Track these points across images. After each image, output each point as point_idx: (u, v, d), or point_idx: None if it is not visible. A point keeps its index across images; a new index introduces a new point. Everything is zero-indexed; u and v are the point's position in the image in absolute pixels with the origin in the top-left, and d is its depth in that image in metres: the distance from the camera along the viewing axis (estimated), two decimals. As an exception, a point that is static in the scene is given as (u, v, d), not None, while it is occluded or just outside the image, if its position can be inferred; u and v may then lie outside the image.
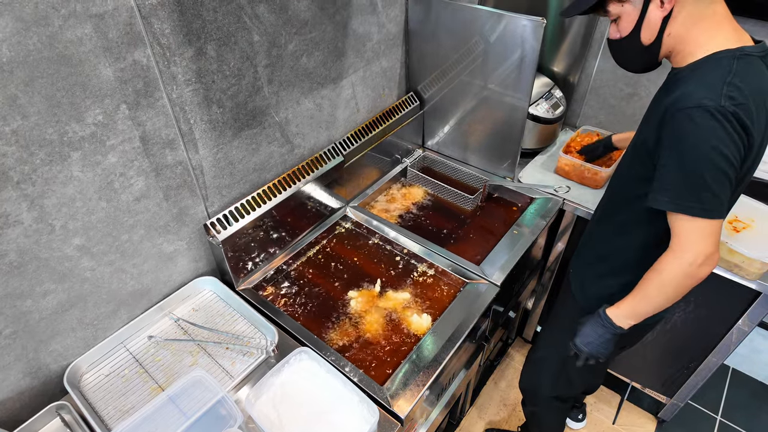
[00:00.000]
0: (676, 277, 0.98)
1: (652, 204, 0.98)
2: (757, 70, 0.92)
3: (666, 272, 0.99)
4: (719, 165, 0.89)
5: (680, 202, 0.94)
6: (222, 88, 1.20)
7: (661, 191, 0.96)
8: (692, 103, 0.89)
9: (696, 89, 0.90)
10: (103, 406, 1.13)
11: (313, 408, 1.10)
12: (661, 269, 1.00)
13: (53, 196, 0.99)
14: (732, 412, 2.15)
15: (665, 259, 1.00)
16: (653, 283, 1.03)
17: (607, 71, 1.90)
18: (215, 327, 1.31)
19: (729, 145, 0.88)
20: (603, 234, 1.26)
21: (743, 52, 0.91)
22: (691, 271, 0.96)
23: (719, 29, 0.94)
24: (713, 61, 0.93)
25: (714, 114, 0.87)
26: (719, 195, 0.91)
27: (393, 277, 1.51)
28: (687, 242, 0.95)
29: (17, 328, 1.05)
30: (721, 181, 0.90)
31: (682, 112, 0.90)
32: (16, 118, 0.88)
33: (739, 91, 0.87)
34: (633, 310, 1.09)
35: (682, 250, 0.96)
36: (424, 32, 1.70)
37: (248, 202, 1.39)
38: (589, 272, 1.31)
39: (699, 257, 0.94)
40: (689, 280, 0.98)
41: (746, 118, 0.87)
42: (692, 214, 0.93)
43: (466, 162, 1.95)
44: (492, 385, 2.24)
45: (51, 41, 0.87)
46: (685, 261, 0.96)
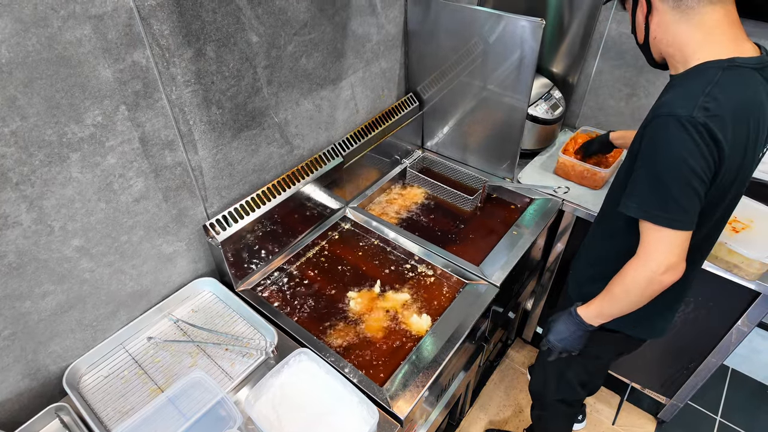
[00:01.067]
0: (640, 283, 1.00)
1: (622, 209, 0.99)
2: (746, 82, 0.90)
3: (629, 277, 1.01)
4: (686, 177, 0.89)
5: (647, 210, 0.94)
6: (221, 89, 1.20)
7: (630, 197, 0.98)
8: (666, 111, 0.89)
9: (674, 98, 0.90)
10: (103, 408, 1.13)
11: (313, 409, 1.10)
12: (626, 274, 1.02)
13: (52, 197, 0.99)
14: (731, 412, 2.15)
15: (631, 264, 1.01)
16: (618, 287, 1.05)
17: (606, 72, 1.90)
18: (215, 328, 1.31)
19: (697, 158, 0.87)
20: (596, 238, 1.28)
21: (733, 63, 0.89)
22: (653, 278, 0.97)
23: (709, 38, 0.92)
24: (699, 71, 0.92)
25: (684, 124, 0.86)
26: (685, 207, 0.91)
27: (392, 278, 1.51)
28: (652, 250, 0.96)
29: (16, 330, 1.05)
30: (687, 193, 0.90)
31: (655, 120, 0.91)
32: (15, 119, 0.88)
33: (715, 102, 0.86)
34: (600, 310, 1.13)
35: (646, 257, 0.97)
36: (423, 33, 1.70)
37: (248, 203, 1.39)
38: (584, 275, 1.32)
39: (661, 266, 0.95)
40: (652, 287, 0.99)
41: (717, 130, 0.86)
42: (658, 223, 0.93)
43: (465, 163, 1.95)
44: (492, 386, 2.24)
45: (50, 42, 0.87)
46: (648, 268, 0.97)
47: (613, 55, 1.85)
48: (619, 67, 1.86)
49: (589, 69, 1.94)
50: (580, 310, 1.17)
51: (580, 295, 1.32)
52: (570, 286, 1.39)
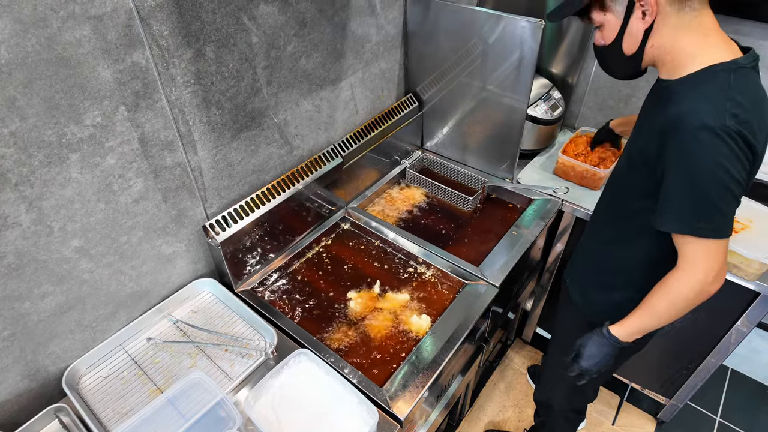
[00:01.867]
0: (688, 296, 0.98)
1: (657, 226, 0.97)
2: (752, 81, 0.91)
3: (676, 292, 0.99)
4: (726, 184, 0.88)
5: (689, 224, 0.92)
6: (221, 89, 1.20)
7: (666, 213, 0.95)
8: (697, 122, 0.87)
9: (697, 107, 0.88)
10: (102, 409, 1.13)
11: (313, 410, 1.10)
12: (671, 289, 1.00)
13: (52, 197, 0.99)
14: (731, 412, 2.15)
15: (675, 278, 0.99)
16: (663, 302, 1.02)
17: (605, 72, 1.90)
18: (214, 329, 1.31)
19: (735, 164, 0.87)
20: (604, 245, 1.24)
21: (738, 65, 0.90)
22: (702, 289, 0.96)
23: (708, 41, 0.92)
24: (709, 74, 0.91)
25: (719, 134, 0.85)
26: (726, 214, 0.90)
27: (392, 278, 1.51)
28: (696, 262, 0.95)
29: (15, 330, 1.05)
30: (728, 200, 0.89)
31: (685, 132, 0.89)
32: (15, 119, 0.88)
33: (741, 107, 0.86)
34: (640, 327, 1.08)
35: (692, 270, 0.96)
36: (422, 34, 1.70)
37: (247, 204, 1.39)
38: (591, 283, 1.30)
39: (709, 276, 0.94)
40: (700, 298, 0.98)
41: (750, 135, 0.86)
42: (701, 236, 0.92)
43: (464, 163, 1.95)
44: (491, 386, 2.24)
45: (50, 43, 0.87)
46: (696, 281, 0.95)
47: (612, 55, 1.84)
48: (619, 68, 1.85)
49: (588, 69, 1.94)
50: (614, 330, 1.11)
51: (591, 304, 1.31)
52: (571, 290, 1.37)
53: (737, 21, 1.54)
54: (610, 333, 1.11)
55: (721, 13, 0.96)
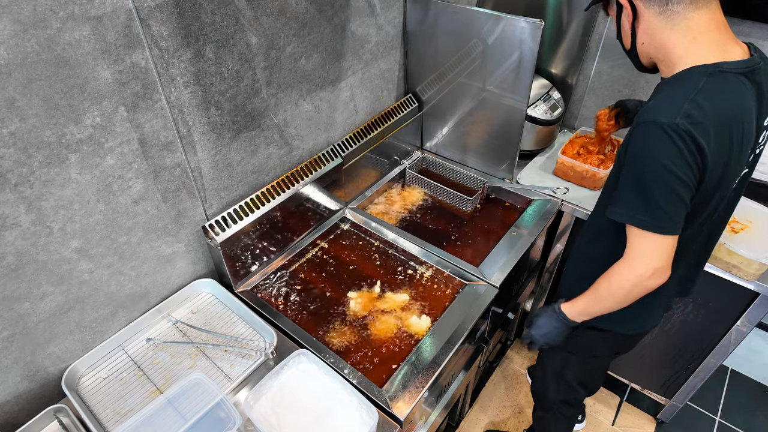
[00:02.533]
0: (626, 286, 1.01)
1: (609, 214, 1.00)
2: (731, 88, 0.89)
3: (615, 280, 1.03)
4: (669, 183, 0.89)
5: (633, 215, 0.95)
6: (220, 90, 1.20)
7: (617, 202, 0.98)
8: (650, 117, 0.89)
9: (658, 104, 0.90)
10: (102, 409, 1.13)
11: (312, 410, 1.10)
12: (612, 277, 1.04)
13: (51, 198, 0.99)
14: (731, 412, 2.15)
15: (617, 266, 1.03)
16: (604, 288, 1.07)
17: (604, 73, 1.91)
18: (214, 329, 1.31)
19: (680, 164, 0.88)
20: (585, 239, 1.28)
21: (719, 69, 0.89)
22: (639, 281, 0.99)
23: (695, 43, 0.92)
24: (683, 76, 0.92)
25: (666, 131, 0.86)
26: (670, 213, 0.91)
27: (392, 279, 1.51)
28: (638, 254, 0.97)
29: (15, 331, 1.05)
30: (671, 199, 0.90)
31: (639, 126, 0.91)
32: (14, 120, 0.88)
33: (699, 109, 0.86)
34: (584, 308, 1.15)
35: (633, 261, 0.99)
36: (422, 34, 1.70)
37: (247, 204, 1.38)
38: (573, 274, 1.34)
39: (648, 270, 0.97)
40: (637, 290, 1.01)
41: (701, 137, 0.86)
42: (644, 228, 0.94)
43: (464, 164, 1.95)
44: (491, 387, 2.24)
45: (49, 43, 0.87)
46: (635, 272, 0.98)
47: (611, 55, 1.85)
48: (618, 68, 1.86)
49: (587, 70, 1.94)
50: (564, 306, 1.19)
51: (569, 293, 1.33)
52: (562, 284, 1.41)
53: (738, 21, 1.55)
54: (559, 308, 1.19)
55: None
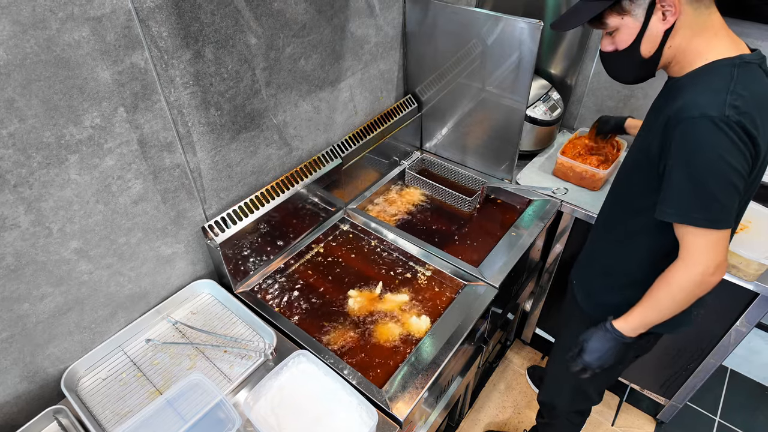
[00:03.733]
0: (688, 287, 0.98)
1: (659, 216, 0.97)
2: (758, 77, 0.91)
3: (677, 283, 0.99)
4: (726, 175, 0.88)
5: (688, 214, 0.93)
6: (220, 90, 1.20)
7: (667, 203, 0.95)
8: (696, 112, 0.88)
9: (698, 98, 0.89)
10: (101, 410, 1.13)
11: (312, 411, 1.10)
12: (672, 281, 1.00)
13: (50, 199, 0.99)
14: (731, 413, 2.15)
15: (675, 269, 0.99)
16: (664, 294, 1.02)
17: (603, 73, 1.89)
18: (213, 330, 1.30)
19: (735, 155, 0.87)
20: (608, 245, 1.24)
21: (743, 60, 0.91)
22: (703, 280, 0.96)
23: (717, 38, 0.94)
24: (713, 69, 0.92)
25: (718, 124, 0.86)
26: (727, 205, 0.90)
27: (391, 279, 1.50)
28: (697, 253, 0.95)
29: (14, 332, 1.05)
30: (728, 191, 0.89)
31: (685, 122, 0.89)
32: (14, 121, 0.88)
33: (742, 99, 0.86)
34: (643, 320, 1.08)
35: (692, 261, 0.96)
36: (421, 35, 1.70)
37: (246, 205, 1.38)
38: (597, 283, 1.29)
39: (710, 267, 0.94)
40: (701, 289, 0.98)
41: (751, 126, 0.86)
42: (700, 226, 0.92)
43: (464, 164, 1.95)
44: (491, 387, 2.24)
45: (48, 44, 0.87)
46: (697, 272, 0.95)
47: (611, 56, 1.85)
48: (617, 69, 1.86)
49: (587, 70, 1.94)
50: (617, 323, 1.10)
51: (596, 305, 1.30)
52: (579, 296, 1.36)
53: (738, 22, 1.54)
54: (613, 327, 1.11)
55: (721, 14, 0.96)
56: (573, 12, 1.01)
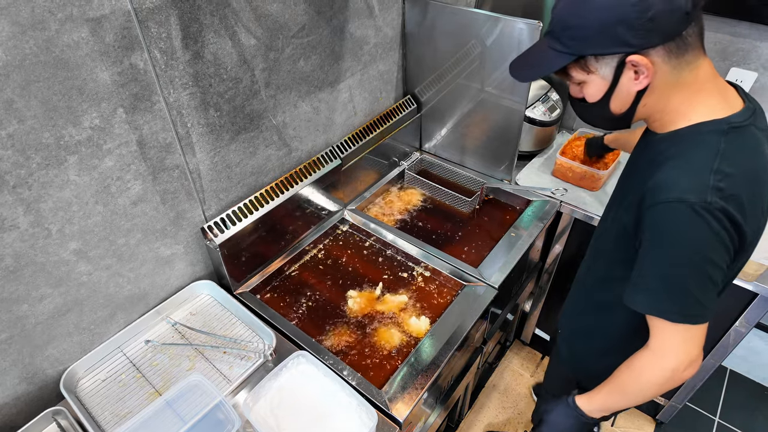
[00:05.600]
0: (657, 382, 0.89)
1: (628, 303, 0.89)
2: (749, 143, 0.81)
3: (645, 376, 0.90)
4: (704, 271, 0.79)
5: (659, 307, 0.84)
6: (219, 91, 1.20)
7: (638, 291, 0.87)
8: (673, 196, 0.78)
9: (678, 177, 0.79)
10: (100, 411, 1.12)
11: (311, 412, 1.10)
12: (640, 371, 0.91)
13: (49, 200, 0.99)
14: (730, 413, 2.16)
15: (644, 360, 0.90)
16: (631, 382, 0.94)
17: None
18: (213, 331, 1.30)
19: (716, 248, 0.78)
20: (589, 306, 1.17)
21: (731, 125, 0.80)
22: (673, 376, 0.87)
23: (701, 95, 0.83)
24: (697, 137, 0.82)
25: (698, 211, 0.75)
26: (702, 300, 0.81)
27: (391, 280, 1.50)
28: (668, 347, 0.86)
29: (13, 333, 1.05)
30: (705, 287, 0.80)
31: (660, 207, 0.80)
32: (12, 122, 0.88)
33: (728, 179, 0.76)
34: (606, 403, 1.00)
35: (663, 354, 0.87)
36: (421, 35, 1.70)
37: (246, 206, 1.38)
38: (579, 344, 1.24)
39: (682, 363, 0.85)
40: (670, 384, 0.89)
41: (736, 212, 0.76)
42: (672, 320, 0.83)
43: (463, 165, 1.95)
44: (491, 388, 2.24)
45: (47, 45, 0.87)
46: (668, 367, 0.86)
47: (610, 57, 1.85)
48: (616, 69, 1.86)
49: (586, 71, 1.94)
50: (580, 402, 1.03)
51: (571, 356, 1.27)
52: (563, 352, 1.30)
53: (735, 23, 1.55)
54: (575, 404, 1.03)
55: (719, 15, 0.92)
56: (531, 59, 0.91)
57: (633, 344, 0.96)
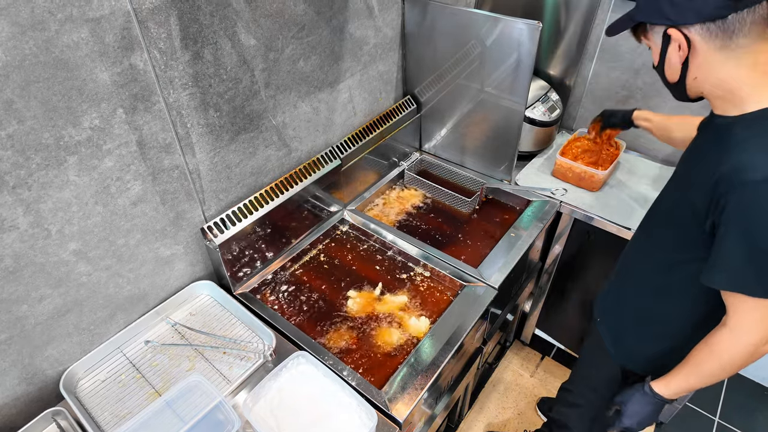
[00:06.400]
0: (740, 358, 0.92)
1: (706, 282, 0.92)
2: None
3: (726, 354, 0.93)
4: None
5: (742, 282, 0.87)
6: (219, 92, 1.20)
7: (718, 270, 0.89)
8: (758, 176, 0.80)
9: (758, 158, 0.82)
10: (100, 412, 1.12)
11: (311, 412, 1.10)
12: (721, 350, 0.94)
13: (49, 200, 0.99)
14: (730, 413, 2.16)
15: (723, 339, 0.93)
16: (710, 363, 0.97)
17: (602, 74, 1.91)
18: (213, 331, 1.30)
19: None
20: (642, 291, 1.17)
21: None
22: (755, 351, 0.90)
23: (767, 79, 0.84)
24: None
25: None
26: None
27: (391, 280, 1.50)
28: (748, 323, 0.89)
29: (13, 334, 1.04)
30: None
31: (744, 187, 0.82)
32: (12, 122, 0.88)
33: None
34: (686, 386, 1.03)
35: (743, 331, 0.90)
36: (420, 36, 1.70)
37: (245, 206, 1.38)
38: (628, 330, 1.23)
39: (763, 339, 0.89)
40: (752, 359, 0.92)
41: None
42: (757, 296, 0.86)
43: (463, 165, 1.95)
44: (490, 388, 2.24)
45: (47, 45, 0.87)
46: (749, 343, 0.90)
47: (609, 57, 1.85)
48: (616, 70, 1.87)
49: (585, 71, 1.94)
50: (658, 387, 1.06)
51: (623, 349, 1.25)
52: (607, 340, 1.29)
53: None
54: (653, 391, 1.06)
55: None
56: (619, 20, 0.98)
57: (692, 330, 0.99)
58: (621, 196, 1.75)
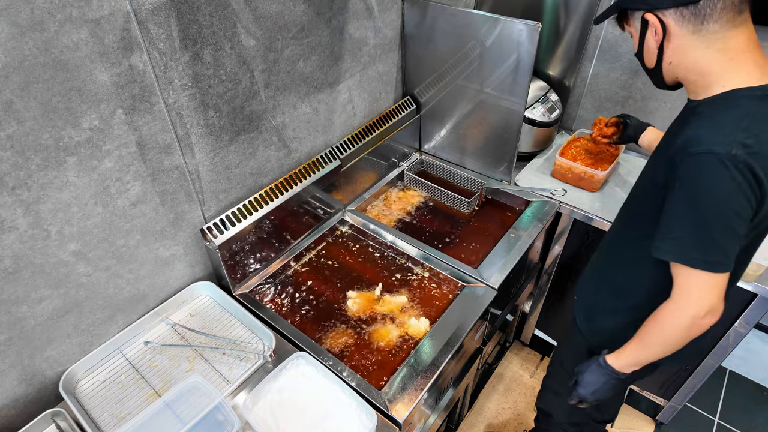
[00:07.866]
0: (679, 328, 0.95)
1: (655, 253, 0.94)
2: None
3: (668, 324, 0.96)
4: (728, 219, 0.84)
5: (684, 254, 0.89)
6: (218, 92, 1.20)
7: (664, 239, 0.93)
8: (702, 148, 0.84)
9: (707, 132, 0.85)
10: (99, 413, 1.12)
11: (311, 413, 1.10)
12: (663, 320, 0.97)
13: (49, 201, 0.99)
14: (730, 413, 2.16)
15: (667, 309, 0.96)
16: (655, 334, 1.00)
17: (602, 75, 1.91)
18: (212, 332, 1.30)
19: (739, 198, 0.83)
20: (610, 268, 1.22)
21: (765, 92, 0.85)
22: (693, 323, 0.93)
23: (735, 63, 0.87)
24: (729, 100, 0.87)
25: (724, 162, 0.81)
26: (725, 248, 0.87)
27: (390, 281, 1.50)
28: (690, 294, 0.92)
29: (12, 335, 1.04)
30: (728, 236, 0.86)
31: (690, 158, 0.85)
32: (12, 123, 0.88)
33: (755, 138, 0.81)
34: (635, 358, 1.07)
35: (684, 302, 0.93)
36: (420, 36, 1.70)
37: (245, 207, 1.38)
38: (599, 305, 1.26)
39: (702, 310, 0.91)
40: (692, 331, 0.95)
41: (759, 168, 0.81)
42: (695, 267, 0.89)
43: (462, 165, 1.95)
44: (490, 389, 2.24)
45: (47, 46, 0.87)
46: (688, 314, 0.92)
47: (608, 58, 1.86)
48: (615, 70, 1.87)
49: (585, 72, 1.94)
50: (610, 359, 1.10)
51: (589, 322, 1.28)
52: (578, 318, 1.32)
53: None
54: (606, 362, 1.10)
55: None
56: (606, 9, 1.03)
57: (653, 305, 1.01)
58: (621, 197, 1.75)
